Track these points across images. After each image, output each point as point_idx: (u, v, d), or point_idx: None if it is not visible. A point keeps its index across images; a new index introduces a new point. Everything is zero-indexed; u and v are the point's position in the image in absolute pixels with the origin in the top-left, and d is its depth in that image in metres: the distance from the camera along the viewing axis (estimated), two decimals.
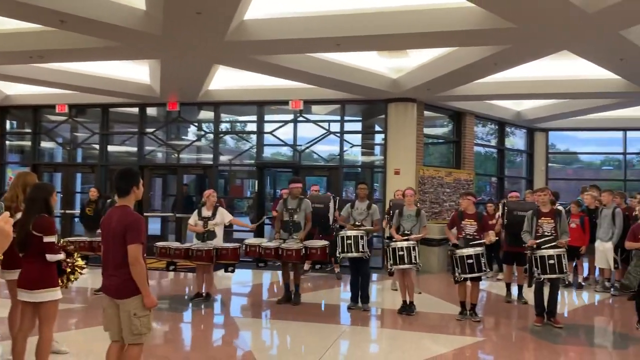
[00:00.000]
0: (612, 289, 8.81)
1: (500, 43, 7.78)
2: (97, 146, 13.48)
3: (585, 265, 10.09)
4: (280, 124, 12.60)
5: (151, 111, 13.57)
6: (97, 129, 13.44)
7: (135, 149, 13.24)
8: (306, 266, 9.05)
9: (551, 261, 6.46)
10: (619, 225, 8.49)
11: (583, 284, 9.45)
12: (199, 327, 6.77)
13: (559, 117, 13.75)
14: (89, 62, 10.13)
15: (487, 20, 6.81)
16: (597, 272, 9.42)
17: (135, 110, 13.16)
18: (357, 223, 7.38)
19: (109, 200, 8.84)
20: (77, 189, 14.23)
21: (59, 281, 4.48)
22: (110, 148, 13.59)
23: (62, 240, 4.94)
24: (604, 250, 8.68)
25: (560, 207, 7.52)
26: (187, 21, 6.98)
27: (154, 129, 13.31)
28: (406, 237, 7.16)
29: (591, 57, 8.46)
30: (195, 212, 7.94)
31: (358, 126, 13.06)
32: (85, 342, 5.81)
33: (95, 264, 6.54)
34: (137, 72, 11.20)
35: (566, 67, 9.81)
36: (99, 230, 4.59)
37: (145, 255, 3.75)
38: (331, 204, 8.39)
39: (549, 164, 15.81)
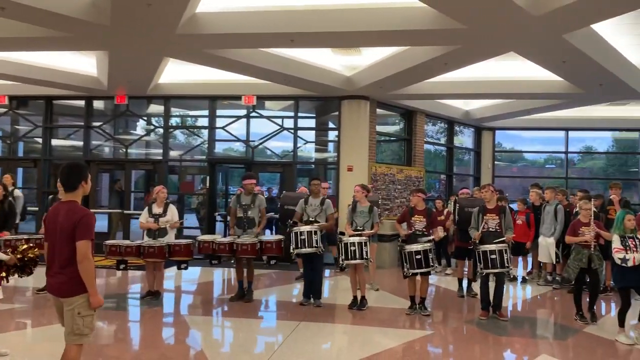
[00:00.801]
0: (553, 283, 9.19)
1: (451, 43, 7.96)
2: (40, 140, 12.95)
3: (529, 259, 10.49)
4: (233, 119, 12.48)
5: (98, 104, 13.15)
6: (40, 122, 12.92)
7: (81, 143, 12.81)
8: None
9: (493, 256, 6.68)
10: (561, 221, 8.87)
11: (527, 277, 9.82)
12: (148, 326, 6.62)
13: (505, 117, 14.21)
14: (32, 52, 9.71)
15: (438, 21, 6.95)
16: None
17: (82, 103, 12.72)
18: (310, 219, 7.40)
19: (50, 197, 8.50)
20: (18, 185, 13.62)
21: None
22: (54, 142, 13.09)
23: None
24: (547, 245, 9.05)
25: (505, 204, 7.77)
26: (136, 12, 6.79)
27: (101, 123, 12.90)
28: (358, 233, 7.24)
29: (536, 59, 8.78)
30: (146, 209, 7.77)
31: (312, 123, 13.08)
32: (27, 343, 5.58)
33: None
34: (83, 63, 10.82)
35: (512, 69, 10.16)
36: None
37: (93, 252, 3.64)
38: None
39: (495, 162, 16.34)
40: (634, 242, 5.95)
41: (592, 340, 6.13)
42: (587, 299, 6.95)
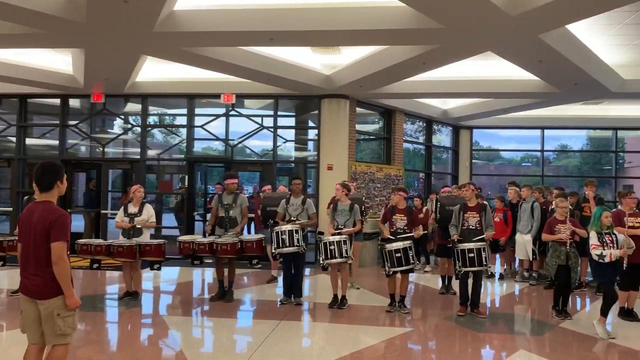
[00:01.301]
0: (530, 279, 9.33)
1: (429, 43, 8.02)
2: (13, 139, 12.69)
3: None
4: (212, 117, 12.39)
5: (74, 103, 12.93)
6: (14, 120, 12.65)
7: (56, 142, 12.58)
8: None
9: (471, 254, 6.76)
10: (537, 218, 9.02)
11: (504, 274, 9.95)
12: (126, 327, 6.55)
13: (483, 116, 14.39)
14: (5, 49, 9.50)
15: (417, 20, 7.00)
16: (517, 263, 9.95)
17: (57, 101, 12.50)
18: (292, 218, 7.39)
19: (25, 197, 8.33)
20: None
21: None
22: (28, 141, 12.84)
23: None
24: (523, 242, 9.18)
25: (485, 202, 7.87)
26: (113, 9, 6.69)
27: (77, 122, 12.69)
28: (338, 232, 7.26)
29: (512, 58, 8.90)
30: (122, 208, 7.67)
31: (291, 121, 13.06)
32: (2, 347, 5.47)
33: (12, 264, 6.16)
34: (58, 61, 10.63)
35: (489, 68, 10.29)
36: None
37: (69, 253, 3.58)
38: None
39: (473, 161, 16.52)
40: (610, 239, 6.07)
41: (567, 335, 6.24)
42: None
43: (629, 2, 6.33)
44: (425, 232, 8.93)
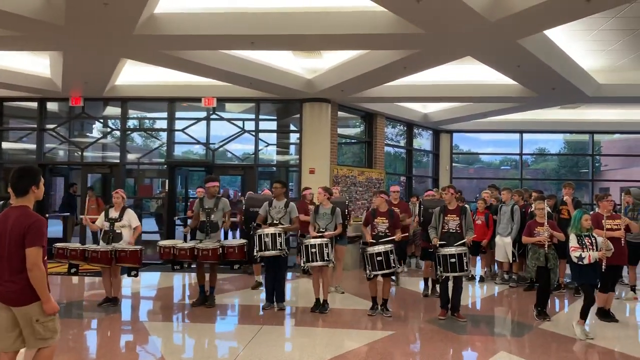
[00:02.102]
0: (510, 281, 9.43)
1: (410, 48, 8.09)
2: None
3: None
4: (193, 121, 12.31)
5: (52, 106, 12.77)
6: None
7: (34, 146, 12.39)
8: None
9: (452, 260, 6.78)
10: (517, 221, 9.12)
11: (484, 276, 10.05)
12: (105, 334, 6.45)
13: (462, 120, 14.56)
14: None
15: (398, 25, 7.06)
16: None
17: (34, 104, 12.31)
18: (275, 221, 7.36)
19: (1, 202, 8.16)
20: None
21: None
22: (5, 145, 12.64)
23: None
24: (503, 245, 9.29)
25: (466, 205, 7.94)
26: (92, 12, 6.63)
27: (55, 125, 12.51)
28: (320, 235, 7.25)
29: (492, 63, 9.02)
30: (103, 212, 7.57)
31: (273, 125, 13.06)
32: None
33: None
34: (36, 64, 10.49)
35: (469, 73, 10.42)
36: None
37: (46, 258, 3.52)
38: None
39: (453, 164, 16.69)
40: (590, 241, 6.16)
41: (547, 336, 6.32)
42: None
43: (604, 9, 6.48)
44: (407, 234, 8.96)
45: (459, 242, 6.89)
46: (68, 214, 12.31)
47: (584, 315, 6.17)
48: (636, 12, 7.46)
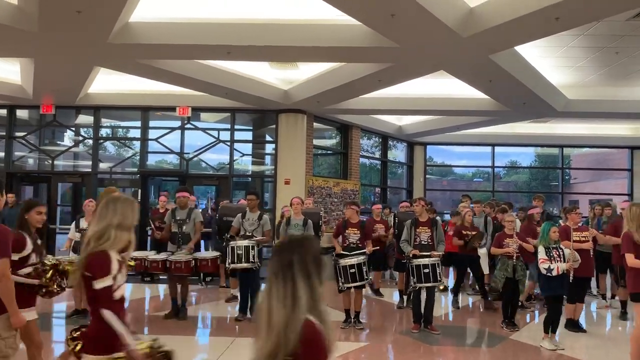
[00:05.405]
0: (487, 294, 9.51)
1: (384, 61, 8.19)
2: None
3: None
4: (167, 130, 12.20)
5: (22, 113, 12.49)
6: None
7: (2, 154, 12.10)
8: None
9: (426, 270, 6.82)
10: (491, 232, 9.23)
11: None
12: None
13: (436, 132, 14.74)
14: None
15: (373, 39, 7.14)
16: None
17: (4, 112, 12.04)
18: (248, 233, 7.31)
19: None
20: None
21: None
22: None
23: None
24: (479, 256, 9.36)
25: (437, 217, 8.01)
26: (65, 19, 6.53)
27: (25, 133, 12.26)
28: None
29: (464, 78, 9.18)
30: (73, 223, 7.43)
31: (249, 135, 13.02)
32: None
33: None
34: (6, 70, 10.27)
35: (443, 87, 10.57)
36: None
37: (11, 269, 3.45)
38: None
39: (427, 176, 16.86)
40: (557, 253, 6.29)
41: (517, 346, 6.41)
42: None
43: (573, 26, 6.67)
44: (377, 247, 8.99)
45: (429, 254, 6.91)
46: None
47: (547, 328, 6.29)
48: (603, 31, 7.70)
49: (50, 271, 4.06)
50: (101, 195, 4.15)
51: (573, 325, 7.08)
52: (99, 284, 2.66)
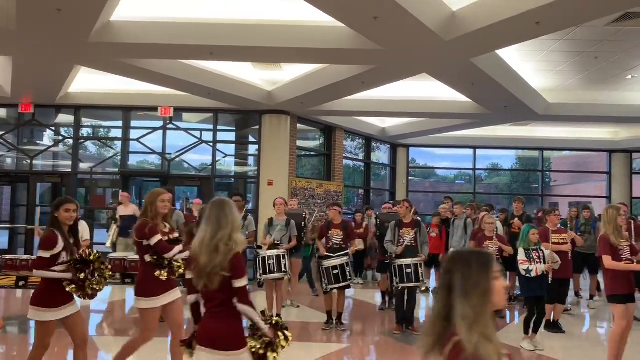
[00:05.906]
0: None
1: (367, 63, 8.22)
2: None
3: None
4: (148, 130, 12.09)
5: (0, 112, 12.29)
6: None
7: None
8: None
9: (408, 270, 6.85)
10: (470, 234, 9.31)
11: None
12: (52, 349, 6.20)
13: (419, 135, 14.83)
14: None
15: (356, 41, 7.16)
16: None
17: None
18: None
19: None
20: None
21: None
22: None
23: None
24: None
25: (419, 219, 8.05)
26: (45, 17, 6.45)
27: (3, 132, 12.06)
28: (275, 246, 7.20)
29: (447, 80, 9.25)
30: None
31: (232, 136, 12.96)
32: None
33: None
34: None
35: (425, 89, 10.64)
36: None
37: None
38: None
39: (410, 178, 16.96)
40: (537, 254, 6.36)
41: None
42: None
43: (553, 31, 6.76)
44: (363, 248, 9.03)
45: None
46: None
47: (527, 329, 6.35)
48: (583, 35, 7.82)
49: (82, 273, 4.16)
50: (149, 196, 4.20)
51: (552, 326, 7.17)
52: (240, 283, 3.02)
